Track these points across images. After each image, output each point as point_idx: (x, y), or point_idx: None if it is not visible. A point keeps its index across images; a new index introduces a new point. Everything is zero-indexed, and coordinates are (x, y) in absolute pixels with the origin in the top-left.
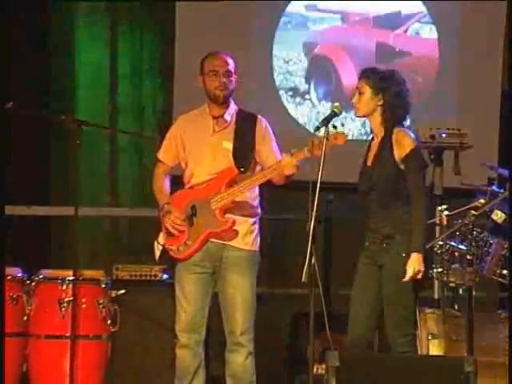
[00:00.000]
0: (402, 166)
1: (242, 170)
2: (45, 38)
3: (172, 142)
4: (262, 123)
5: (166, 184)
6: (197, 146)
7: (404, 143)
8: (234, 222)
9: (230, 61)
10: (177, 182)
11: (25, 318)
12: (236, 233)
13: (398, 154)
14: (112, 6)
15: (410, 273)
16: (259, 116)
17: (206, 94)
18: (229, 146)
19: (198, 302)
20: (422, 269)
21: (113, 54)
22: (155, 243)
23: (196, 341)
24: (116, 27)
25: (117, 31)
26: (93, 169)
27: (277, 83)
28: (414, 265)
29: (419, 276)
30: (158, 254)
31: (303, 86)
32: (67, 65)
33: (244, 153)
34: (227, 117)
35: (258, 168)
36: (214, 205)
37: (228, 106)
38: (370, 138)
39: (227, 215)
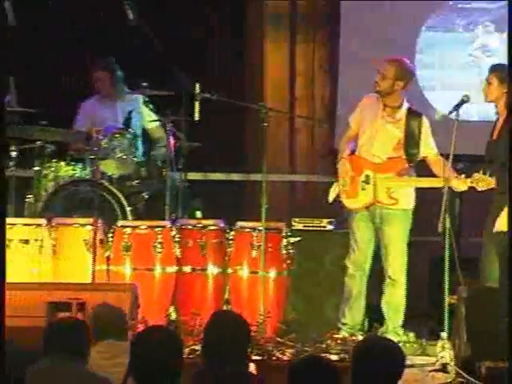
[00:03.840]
0: None
1: (411, 164)
2: (239, 42)
3: (358, 114)
4: (427, 123)
5: (348, 146)
6: (369, 123)
7: None
8: (396, 202)
9: (388, 66)
10: None
11: (226, 258)
12: (396, 200)
13: None
14: (291, 14)
15: None
16: (424, 116)
17: None
18: (398, 134)
19: (364, 245)
20: None
21: (292, 54)
22: (333, 186)
23: (360, 273)
24: (294, 34)
25: (295, 36)
26: (276, 144)
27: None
28: None
29: None
30: (332, 196)
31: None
32: (258, 64)
33: (412, 148)
34: (395, 109)
35: None
36: (385, 184)
37: (395, 101)
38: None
39: (393, 194)
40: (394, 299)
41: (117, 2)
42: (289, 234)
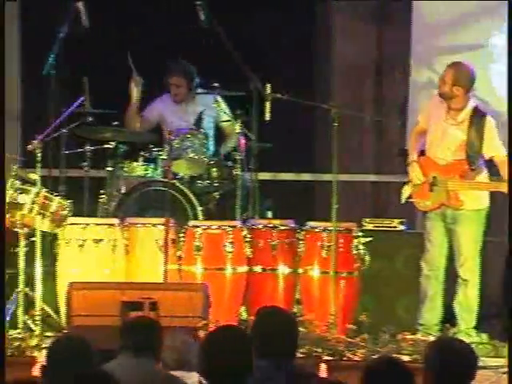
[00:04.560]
0: None
1: (473, 168)
2: (309, 39)
3: (426, 112)
4: (492, 123)
5: (417, 142)
6: (435, 124)
7: None
8: (463, 203)
9: (447, 70)
10: None
11: (296, 258)
12: (462, 202)
13: None
14: (362, 14)
15: None
16: (488, 116)
17: None
18: (461, 136)
19: (438, 245)
20: None
21: (362, 53)
22: (404, 187)
23: (435, 274)
24: (365, 33)
25: (366, 35)
26: (346, 144)
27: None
28: None
29: None
30: (404, 197)
31: None
32: (328, 63)
33: (473, 150)
34: (458, 111)
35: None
36: (451, 187)
37: (458, 103)
38: None
39: (460, 195)
40: (467, 300)
41: (189, 3)
42: (359, 234)
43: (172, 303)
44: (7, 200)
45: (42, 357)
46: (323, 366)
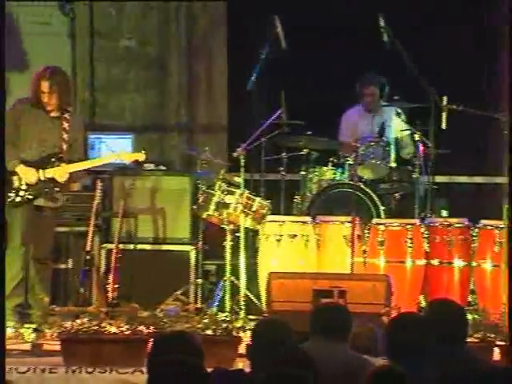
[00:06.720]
0: None
1: None
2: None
3: None
4: None
5: None
6: None
7: None
8: None
9: None
10: None
11: (471, 252)
12: None
13: None
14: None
15: None
16: None
17: None
18: None
19: None
20: None
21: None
22: None
23: None
24: None
25: None
26: None
27: None
28: None
29: None
30: None
31: None
32: (499, 74)
33: None
34: None
35: None
36: None
37: None
38: None
39: None
40: None
41: (375, 26)
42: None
43: (358, 291)
44: (216, 200)
45: (246, 337)
46: (496, 351)
